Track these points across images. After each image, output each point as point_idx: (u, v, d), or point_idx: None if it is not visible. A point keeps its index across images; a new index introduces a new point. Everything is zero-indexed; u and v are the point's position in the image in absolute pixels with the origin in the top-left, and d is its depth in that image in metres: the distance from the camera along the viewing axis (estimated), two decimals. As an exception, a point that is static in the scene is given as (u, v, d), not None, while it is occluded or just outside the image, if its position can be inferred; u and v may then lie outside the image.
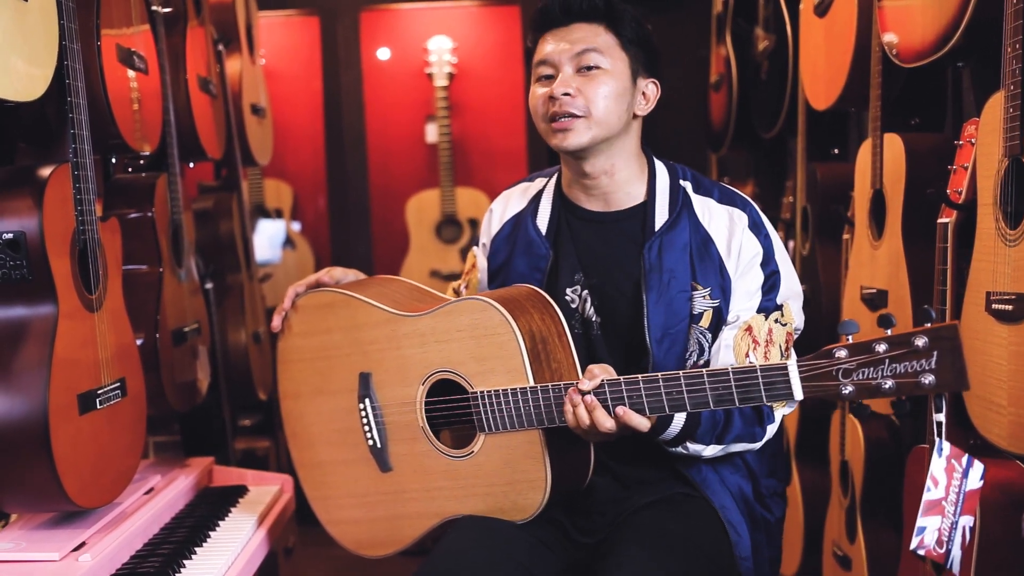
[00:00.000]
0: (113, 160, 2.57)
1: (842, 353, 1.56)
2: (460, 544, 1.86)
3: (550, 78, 1.93)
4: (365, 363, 2.04)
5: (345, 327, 2.06)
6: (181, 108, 2.84)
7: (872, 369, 1.52)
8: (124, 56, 2.27)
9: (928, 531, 1.55)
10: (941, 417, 1.51)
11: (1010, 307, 1.84)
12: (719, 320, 1.91)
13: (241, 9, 3.82)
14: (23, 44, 1.75)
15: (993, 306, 1.88)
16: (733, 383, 1.65)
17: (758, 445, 1.91)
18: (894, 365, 1.51)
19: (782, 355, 1.91)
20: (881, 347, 1.51)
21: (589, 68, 1.90)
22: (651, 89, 1.99)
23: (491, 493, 1.91)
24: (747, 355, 1.88)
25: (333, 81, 5.02)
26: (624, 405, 1.72)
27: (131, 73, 2.31)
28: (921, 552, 1.54)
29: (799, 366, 1.60)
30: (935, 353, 1.49)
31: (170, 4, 2.72)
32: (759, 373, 1.64)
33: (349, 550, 2.14)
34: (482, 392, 1.86)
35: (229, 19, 3.70)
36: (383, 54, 5.26)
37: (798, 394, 1.60)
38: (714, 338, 1.91)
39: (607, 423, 1.73)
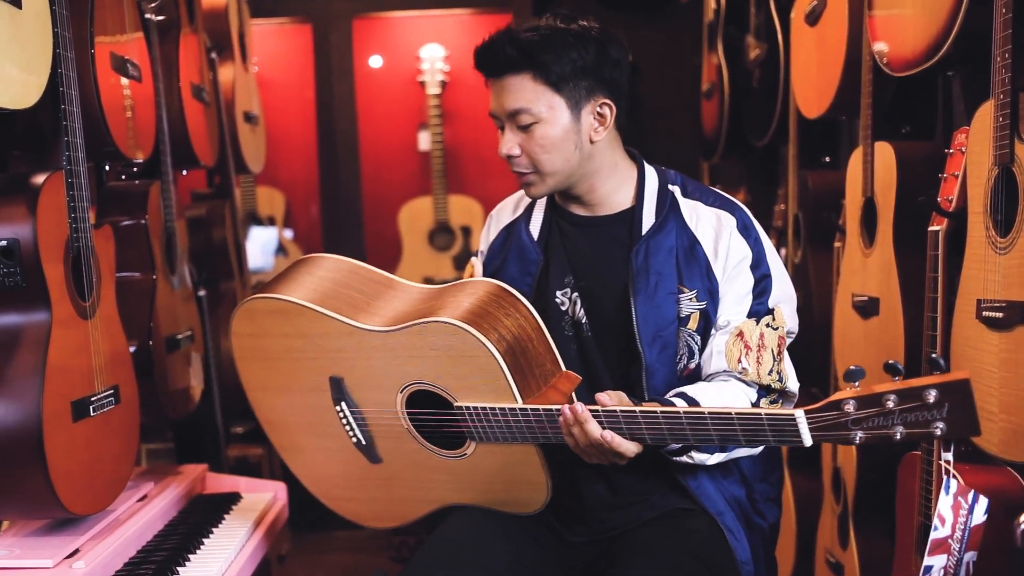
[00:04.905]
0: (106, 167, 2.58)
1: (850, 406, 1.53)
2: (451, 540, 1.88)
3: (502, 128, 1.96)
4: (334, 368, 1.98)
5: (304, 334, 1.98)
6: (174, 116, 2.84)
7: (883, 419, 1.50)
8: (118, 64, 2.27)
9: (934, 570, 1.54)
10: (949, 456, 1.50)
11: (1001, 314, 1.85)
12: (707, 323, 1.91)
13: (234, 17, 3.83)
14: (18, 52, 1.75)
15: (984, 313, 1.89)
16: (739, 428, 1.64)
17: (759, 449, 1.92)
18: (905, 415, 1.48)
19: (775, 359, 1.91)
20: (891, 401, 1.49)
21: (525, 126, 1.90)
22: (604, 110, 1.92)
23: (490, 489, 1.92)
24: (739, 360, 1.88)
25: (326, 89, 5.02)
26: (623, 434, 1.72)
27: (124, 81, 2.32)
28: None
29: (808, 418, 1.58)
30: (946, 405, 1.46)
31: (163, 12, 2.72)
32: (766, 421, 1.62)
33: (353, 522, 2.14)
34: (468, 408, 1.84)
35: (222, 27, 3.70)
36: (376, 62, 5.27)
37: (808, 441, 1.59)
38: (703, 341, 1.91)
39: (595, 433, 1.72)
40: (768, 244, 1.96)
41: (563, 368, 1.89)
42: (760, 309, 1.92)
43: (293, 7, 5.10)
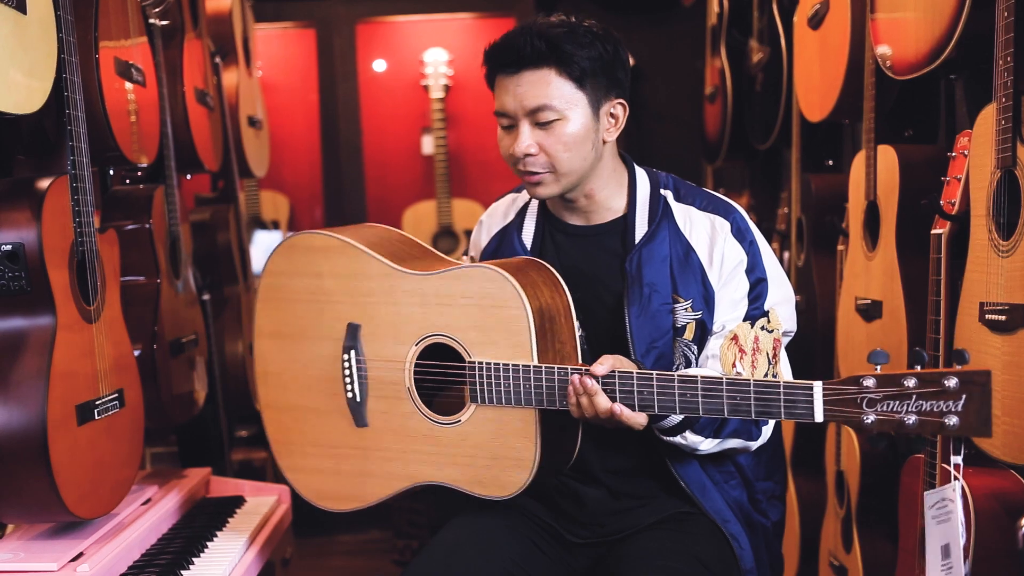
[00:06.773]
0: (111, 172, 2.59)
1: (870, 383, 1.52)
2: (452, 541, 1.88)
3: (511, 127, 1.91)
4: (356, 314, 1.98)
5: (339, 274, 1.99)
6: (178, 120, 2.85)
7: (898, 403, 1.49)
8: (122, 69, 2.28)
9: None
10: (959, 460, 1.49)
11: (1003, 317, 1.85)
12: (703, 332, 1.90)
13: (238, 21, 3.84)
14: (23, 57, 1.76)
15: (987, 316, 1.89)
16: (753, 396, 1.64)
17: (754, 445, 1.90)
18: (920, 402, 1.48)
19: (769, 362, 1.90)
20: (911, 382, 1.48)
21: (546, 123, 1.86)
22: (618, 110, 1.93)
23: (472, 464, 1.88)
24: (733, 364, 1.87)
25: (329, 93, 5.03)
26: (632, 400, 1.72)
27: (129, 86, 2.32)
28: None
29: (824, 388, 1.58)
30: (964, 396, 1.46)
31: (168, 17, 2.73)
32: (782, 390, 1.61)
33: (307, 500, 2.09)
34: (480, 363, 1.83)
35: (226, 31, 3.71)
36: (379, 66, 5.28)
37: (819, 416, 1.58)
38: (700, 350, 1.90)
39: (604, 405, 1.72)
40: (764, 246, 1.95)
41: (579, 359, 1.87)
42: (756, 313, 1.90)
43: (297, 11, 5.11)
